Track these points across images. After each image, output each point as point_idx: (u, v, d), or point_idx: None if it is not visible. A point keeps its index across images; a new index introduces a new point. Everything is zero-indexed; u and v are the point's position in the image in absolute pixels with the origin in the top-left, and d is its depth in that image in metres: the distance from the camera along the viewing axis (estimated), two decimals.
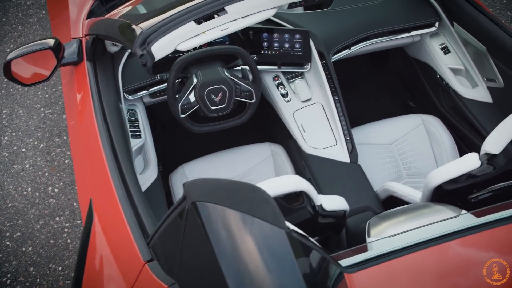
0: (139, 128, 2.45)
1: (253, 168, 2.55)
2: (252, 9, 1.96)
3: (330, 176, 2.30)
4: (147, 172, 2.35)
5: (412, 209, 1.75)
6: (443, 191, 1.81)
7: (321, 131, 2.43)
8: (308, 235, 1.72)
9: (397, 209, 1.80)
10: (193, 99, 2.29)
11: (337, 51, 2.63)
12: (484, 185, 1.78)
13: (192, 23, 1.91)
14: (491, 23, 2.39)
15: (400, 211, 1.74)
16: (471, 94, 2.57)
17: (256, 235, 1.29)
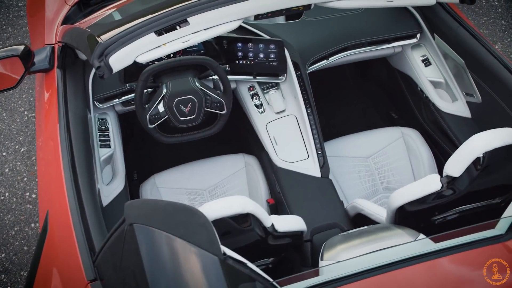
0: (109, 137, 2.41)
1: (226, 180, 2.50)
2: (216, 20, 1.91)
3: (300, 191, 2.25)
4: (114, 183, 2.31)
5: (370, 232, 1.70)
6: (406, 212, 1.75)
7: (293, 144, 2.37)
8: (259, 257, 1.68)
9: (354, 231, 1.75)
10: (162, 109, 2.25)
11: (315, 62, 2.57)
12: (446, 208, 1.73)
13: (152, 34, 1.86)
14: (471, 37, 2.33)
15: (357, 233, 1.70)
16: (450, 108, 2.51)
17: (189, 260, 1.25)
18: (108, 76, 1.84)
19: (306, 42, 2.57)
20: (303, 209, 2.18)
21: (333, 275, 1.41)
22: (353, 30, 2.61)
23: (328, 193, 2.24)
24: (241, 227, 1.53)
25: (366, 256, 1.48)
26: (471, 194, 1.66)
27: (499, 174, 1.65)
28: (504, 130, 1.59)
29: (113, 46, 1.83)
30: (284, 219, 1.68)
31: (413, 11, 2.60)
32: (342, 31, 2.60)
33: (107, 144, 2.39)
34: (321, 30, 2.60)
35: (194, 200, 2.45)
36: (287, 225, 1.66)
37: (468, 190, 1.63)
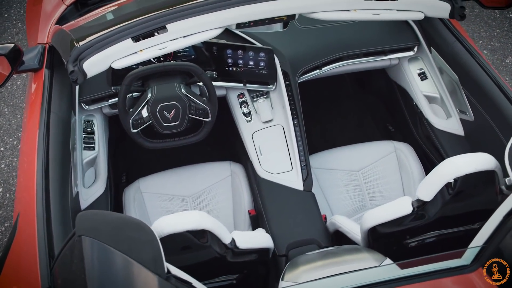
0: (93, 140, 2.40)
1: (210, 187, 2.47)
2: (195, 28, 1.88)
3: (280, 204, 2.20)
4: (95, 186, 2.30)
5: (336, 253, 1.65)
6: (378, 233, 1.70)
7: (278, 155, 2.33)
8: (222, 273, 1.64)
9: (321, 251, 1.71)
10: (146, 114, 2.23)
11: (307, 71, 2.52)
12: (418, 232, 1.67)
13: (129, 40, 1.84)
14: (466, 53, 2.25)
15: (322, 254, 1.65)
16: (443, 125, 2.43)
17: (129, 278, 1.22)
18: (81, 81, 1.83)
19: (299, 51, 2.52)
20: (281, 223, 2.14)
21: None
22: (348, 40, 2.55)
23: (309, 208, 2.19)
24: (200, 243, 1.50)
25: (327, 280, 1.43)
26: (443, 219, 1.59)
27: (471, 200, 1.58)
28: (477, 155, 1.52)
29: (88, 51, 1.81)
30: (247, 235, 1.64)
31: (412, 23, 2.53)
32: (337, 40, 2.55)
33: (91, 146, 2.38)
34: (315, 39, 2.55)
35: (177, 207, 2.43)
36: (250, 241, 1.62)
37: (440, 215, 1.57)
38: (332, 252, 1.68)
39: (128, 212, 2.35)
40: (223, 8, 1.87)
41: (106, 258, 1.24)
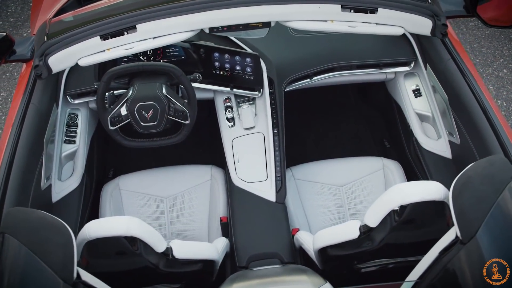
0: (76, 133, 2.41)
1: (188, 190, 2.44)
2: (165, 30, 1.85)
3: (249, 213, 2.16)
4: (70, 180, 2.31)
5: (275, 273, 1.59)
6: (327, 255, 1.63)
7: (255, 163, 2.28)
8: (161, 281, 1.61)
9: (261, 268, 1.65)
10: (125, 112, 2.22)
11: (296, 80, 2.46)
12: (365, 257, 1.59)
13: (97, 38, 1.83)
14: (458, 73, 2.14)
15: (260, 273, 1.60)
16: (431, 145, 2.33)
17: (36, 281, 1.20)
18: (46, 76, 1.83)
19: (289, 58, 2.46)
20: (247, 233, 2.09)
21: None
22: (342, 50, 2.47)
23: (278, 220, 2.13)
24: (132, 249, 1.47)
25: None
26: (391, 247, 1.51)
27: (423, 230, 1.50)
28: (426, 184, 1.44)
29: (55, 47, 1.82)
30: (188, 245, 1.60)
31: (410, 38, 2.43)
32: (330, 50, 2.48)
33: (72, 140, 2.40)
34: (308, 47, 2.48)
35: (153, 207, 2.41)
36: (190, 252, 1.58)
37: (386, 242, 1.49)
38: (270, 272, 1.63)
39: (103, 208, 2.35)
40: (196, 11, 1.84)
41: (18, 257, 1.23)
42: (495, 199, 1.24)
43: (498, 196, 1.24)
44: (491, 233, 1.22)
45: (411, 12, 1.85)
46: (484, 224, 1.21)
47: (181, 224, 2.38)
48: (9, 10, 4.40)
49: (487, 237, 1.21)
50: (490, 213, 1.22)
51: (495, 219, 1.23)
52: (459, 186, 1.32)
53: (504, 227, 1.23)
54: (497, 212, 1.23)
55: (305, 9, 1.85)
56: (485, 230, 1.21)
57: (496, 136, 1.84)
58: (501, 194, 1.25)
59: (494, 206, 1.23)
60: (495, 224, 1.23)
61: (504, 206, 1.24)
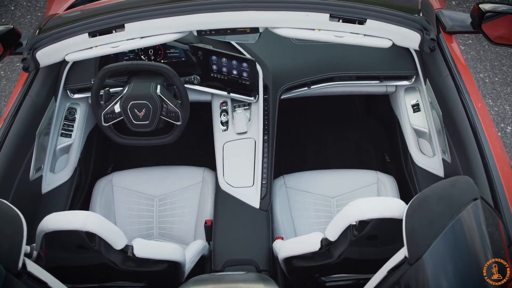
0: (72, 128, 2.45)
1: (179, 191, 2.45)
2: (153, 30, 1.87)
3: (232, 218, 2.15)
4: (61, 173, 2.35)
5: (232, 280, 1.58)
6: (292, 265, 1.62)
7: (243, 168, 2.27)
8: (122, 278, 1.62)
9: (219, 274, 1.64)
10: (118, 109, 2.25)
11: (293, 88, 2.44)
12: (327, 270, 1.56)
13: (85, 35, 1.86)
14: (454, 90, 2.09)
15: (216, 278, 1.59)
16: (424, 163, 2.27)
17: None
18: (33, 69, 1.87)
19: (287, 65, 2.45)
20: (227, 237, 2.09)
21: None
22: (342, 60, 2.44)
23: (259, 227, 2.12)
24: (91, 245, 1.48)
25: None
26: (351, 262, 1.48)
27: (387, 247, 1.46)
28: (385, 200, 1.40)
29: (44, 41, 1.86)
30: (151, 244, 1.60)
31: (412, 51, 2.38)
32: (330, 60, 2.45)
33: (69, 134, 2.44)
34: (307, 55, 2.46)
35: (143, 205, 2.44)
36: (152, 252, 1.58)
37: (345, 256, 1.46)
38: (232, 278, 1.62)
39: (94, 202, 2.38)
40: (184, 14, 1.86)
41: None
42: (449, 221, 1.20)
43: (453, 218, 1.20)
44: (439, 256, 1.17)
45: (400, 24, 1.82)
46: (433, 246, 1.17)
47: (169, 224, 2.40)
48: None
49: (434, 260, 1.17)
50: (441, 235, 1.18)
51: (446, 241, 1.18)
52: (414, 205, 1.28)
53: (455, 251, 1.18)
54: (450, 234, 1.19)
55: (293, 17, 1.84)
56: (433, 252, 1.17)
57: (482, 158, 1.78)
58: (456, 216, 1.21)
59: (447, 229, 1.19)
60: (445, 247, 1.18)
61: (458, 229, 1.20)
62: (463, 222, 1.21)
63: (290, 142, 3.15)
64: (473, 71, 3.72)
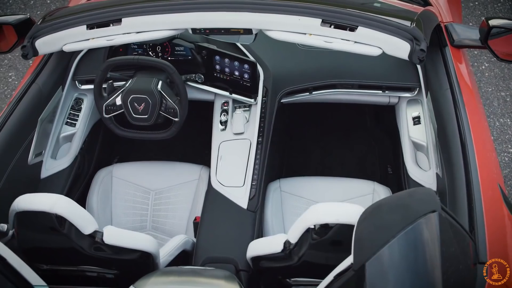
0: (78, 117, 2.53)
1: (175, 187, 2.49)
2: (149, 26, 1.92)
3: (218, 216, 2.17)
4: (60, 160, 2.43)
5: (195, 273, 1.60)
6: (258, 265, 1.62)
7: (235, 169, 2.29)
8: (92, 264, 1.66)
9: (187, 267, 1.66)
10: (119, 102, 2.32)
11: (294, 92, 2.45)
12: (290, 273, 1.57)
13: (83, 27, 1.93)
14: (451, 103, 2.05)
15: (181, 270, 1.61)
16: (418, 176, 2.24)
17: None
18: (31, 57, 1.95)
19: (290, 70, 2.46)
20: (210, 234, 2.11)
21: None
22: (345, 68, 2.44)
23: (244, 227, 2.13)
24: (59, 228, 1.52)
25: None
26: (312, 266, 1.48)
27: (341, 253, 1.45)
28: (345, 206, 1.40)
29: (44, 30, 1.93)
30: (123, 233, 1.63)
31: None
32: (333, 67, 2.45)
33: (73, 123, 2.52)
34: (311, 61, 2.47)
35: (139, 198, 2.48)
36: (122, 240, 1.61)
37: (304, 260, 1.46)
38: (193, 271, 1.63)
39: (92, 191, 2.45)
40: (180, 12, 1.90)
41: None
42: (399, 230, 1.18)
43: (404, 228, 1.18)
44: (383, 264, 1.16)
45: (390, 33, 1.80)
46: (378, 254, 1.16)
47: (162, 218, 2.44)
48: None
49: (377, 268, 1.15)
50: (388, 244, 1.16)
51: (393, 251, 1.16)
52: (367, 212, 1.27)
53: (401, 262, 1.16)
54: (398, 244, 1.17)
55: (285, 20, 1.85)
56: (377, 260, 1.15)
57: (466, 175, 1.75)
58: (409, 227, 1.19)
59: (395, 238, 1.17)
60: (391, 256, 1.16)
61: (408, 240, 1.18)
62: (415, 233, 1.19)
63: (295, 147, 3.16)
64: (494, 88, 3.64)
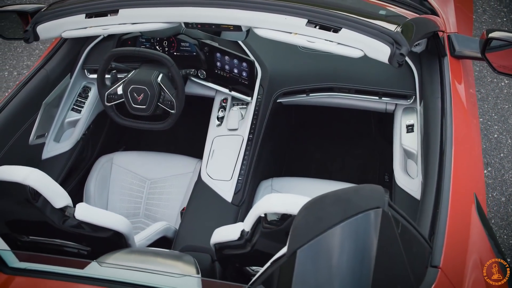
0: (83, 105, 2.64)
1: (169, 177, 2.57)
2: (143, 18, 2.00)
3: (202, 207, 2.23)
4: (62, 144, 2.54)
5: (154, 254, 1.65)
6: (220, 252, 1.67)
7: (225, 163, 2.35)
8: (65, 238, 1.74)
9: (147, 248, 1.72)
10: (120, 92, 2.41)
11: (291, 93, 2.49)
12: (245, 261, 1.60)
13: (82, 15, 2.03)
14: (439, 112, 2.05)
15: (144, 250, 1.67)
16: (404, 183, 2.23)
17: None
18: (32, 42, 2.06)
19: (288, 70, 2.50)
20: (192, 224, 2.17)
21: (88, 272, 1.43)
22: (344, 73, 2.46)
23: (226, 220, 2.17)
24: (32, 200, 1.60)
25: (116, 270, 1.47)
26: (266, 255, 1.51)
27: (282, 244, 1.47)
28: (295, 198, 1.42)
29: (46, 17, 2.05)
30: (95, 211, 1.68)
31: (414, 71, 2.36)
32: (331, 70, 2.47)
33: (79, 110, 2.63)
34: (310, 63, 2.50)
35: (134, 186, 2.57)
36: (93, 217, 1.66)
37: (256, 248, 1.49)
38: (155, 252, 1.69)
39: (91, 176, 2.55)
40: (174, 6, 1.98)
41: None
42: (337, 223, 1.19)
43: (342, 221, 1.20)
44: (314, 253, 1.18)
45: (372, 36, 1.82)
46: (311, 244, 1.17)
47: (154, 207, 2.51)
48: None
49: (307, 256, 1.17)
50: (322, 235, 1.18)
51: (326, 242, 1.17)
52: (309, 203, 1.29)
53: (333, 254, 1.17)
54: (332, 236, 1.18)
55: (272, 19, 1.90)
56: (309, 249, 1.17)
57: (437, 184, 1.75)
58: (347, 220, 1.20)
59: (330, 230, 1.18)
60: (323, 247, 1.17)
61: (343, 232, 1.19)
62: (352, 227, 1.20)
63: (297, 149, 3.19)
64: (511, 106, 3.57)
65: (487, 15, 4.39)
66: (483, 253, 1.65)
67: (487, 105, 3.59)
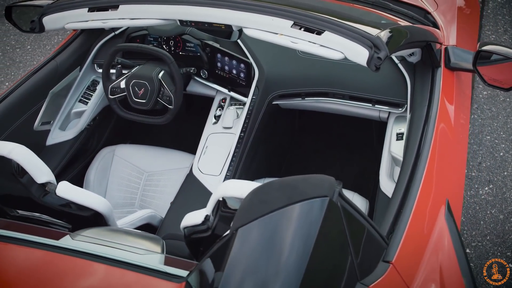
0: (90, 97, 2.77)
1: (166, 172, 2.66)
2: (142, 14, 2.12)
3: (189, 199, 2.31)
4: (66, 132, 2.67)
5: (125, 233, 1.73)
6: (188, 236, 1.74)
7: (216, 159, 2.42)
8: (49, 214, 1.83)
9: (120, 228, 1.79)
10: (123, 86, 2.53)
11: (286, 96, 2.56)
12: (208, 244, 1.66)
13: (85, 9, 2.16)
14: (422, 119, 2.08)
15: (113, 229, 1.75)
16: (387, 189, 2.25)
17: None
18: (37, 32, 2.20)
19: (284, 74, 2.56)
20: (178, 215, 2.23)
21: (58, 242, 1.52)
22: (339, 79, 2.51)
23: None
24: (16, 174, 1.69)
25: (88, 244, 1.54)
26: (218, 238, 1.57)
27: None
28: (251, 184, 1.47)
29: (52, 9, 2.19)
30: (77, 189, 1.77)
31: (407, 80, 2.39)
32: (327, 75, 2.53)
33: (86, 101, 2.76)
34: (307, 68, 2.56)
35: (133, 177, 2.67)
36: (73, 195, 1.75)
37: (215, 233, 1.56)
38: (126, 232, 1.76)
39: (92, 165, 2.67)
40: (169, 4, 2.08)
41: None
42: (280, 207, 1.24)
43: (285, 206, 1.24)
44: (252, 234, 1.22)
45: (353, 39, 1.87)
46: (251, 224, 1.22)
47: (149, 198, 2.61)
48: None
49: (246, 236, 1.22)
50: (263, 217, 1.22)
51: (265, 224, 1.22)
52: (257, 188, 1.34)
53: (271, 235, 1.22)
54: (273, 219, 1.22)
55: (260, 19, 1.98)
56: (248, 229, 1.22)
57: (406, 186, 1.78)
58: (291, 205, 1.24)
59: (272, 213, 1.23)
60: (262, 228, 1.22)
61: (285, 217, 1.22)
62: (293, 212, 1.24)
63: (298, 153, 3.24)
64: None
65: (508, 35, 4.36)
66: (444, 257, 1.67)
67: (497, 124, 3.56)
